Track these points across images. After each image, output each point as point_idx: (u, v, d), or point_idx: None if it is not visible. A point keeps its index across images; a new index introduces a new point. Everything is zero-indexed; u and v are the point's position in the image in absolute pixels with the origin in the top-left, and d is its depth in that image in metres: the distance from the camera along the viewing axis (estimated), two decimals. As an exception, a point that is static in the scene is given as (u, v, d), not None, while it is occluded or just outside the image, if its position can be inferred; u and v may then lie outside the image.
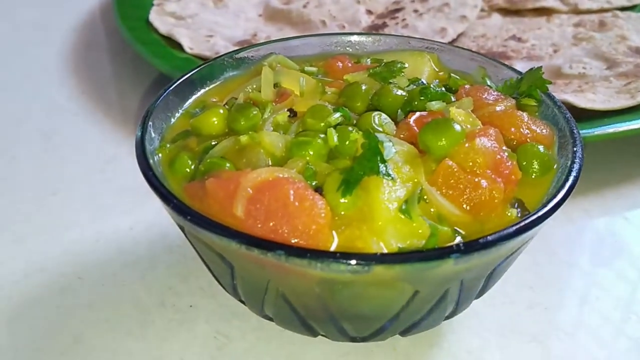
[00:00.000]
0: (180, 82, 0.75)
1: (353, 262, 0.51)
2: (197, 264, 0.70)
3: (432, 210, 0.59)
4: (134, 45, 1.18)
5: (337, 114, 0.66)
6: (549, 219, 0.57)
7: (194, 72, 0.77)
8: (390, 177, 0.58)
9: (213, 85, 0.80)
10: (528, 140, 0.67)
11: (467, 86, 0.74)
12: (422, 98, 0.69)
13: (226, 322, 0.74)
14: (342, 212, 0.58)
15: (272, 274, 0.57)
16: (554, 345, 0.73)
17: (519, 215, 0.60)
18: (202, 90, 0.78)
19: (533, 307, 0.77)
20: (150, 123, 0.68)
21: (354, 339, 0.64)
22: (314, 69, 0.81)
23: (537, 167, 0.64)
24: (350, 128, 0.64)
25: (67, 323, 0.75)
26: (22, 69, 1.34)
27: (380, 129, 0.65)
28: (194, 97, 0.77)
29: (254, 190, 0.57)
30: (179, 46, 1.19)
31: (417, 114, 0.66)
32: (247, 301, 0.65)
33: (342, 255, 0.51)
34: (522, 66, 1.11)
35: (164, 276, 0.81)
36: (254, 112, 0.67)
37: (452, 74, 0.78)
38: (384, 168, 0.58)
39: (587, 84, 1.08)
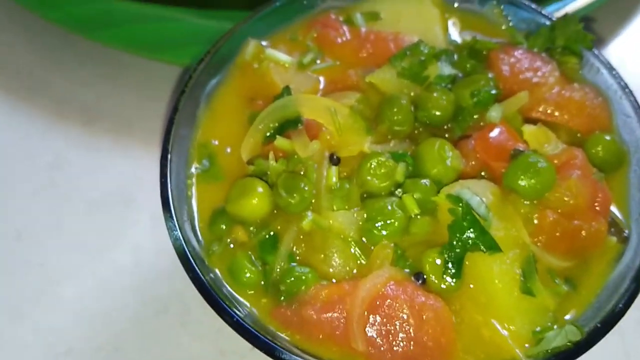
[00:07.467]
0: (173, 140, 0.60)
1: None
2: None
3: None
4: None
5: (402, 166, 0.57)
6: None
7: (178, 106, 0.61)
8: (498, 251, 0.53)
9: (204, 117, 0.64)
10: (593, 128, 0.62)
11: (502, 56, 0.65)
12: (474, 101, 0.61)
13: None
14: (450, 294, 0.55)
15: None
16: None
17: (617, 240, 0.58)
18: (198, 132, 0.64)
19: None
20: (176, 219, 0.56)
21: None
22: (311, 55, 0.67)
23: (611, 163, 0.61)
24: (424, 181, 0.56)
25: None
26: None
27: (449, 163, 0.58)
28: (193, 145, 0.63)
29: (366, 317, 0.51)
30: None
31: (485, 138, 0.58)
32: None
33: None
34: None
35: (204, 317, 0.73)
36: (305, 187, 0.56)
37: (476, 39, 0.67)
38: (489, 240, 0.53)
39: None
